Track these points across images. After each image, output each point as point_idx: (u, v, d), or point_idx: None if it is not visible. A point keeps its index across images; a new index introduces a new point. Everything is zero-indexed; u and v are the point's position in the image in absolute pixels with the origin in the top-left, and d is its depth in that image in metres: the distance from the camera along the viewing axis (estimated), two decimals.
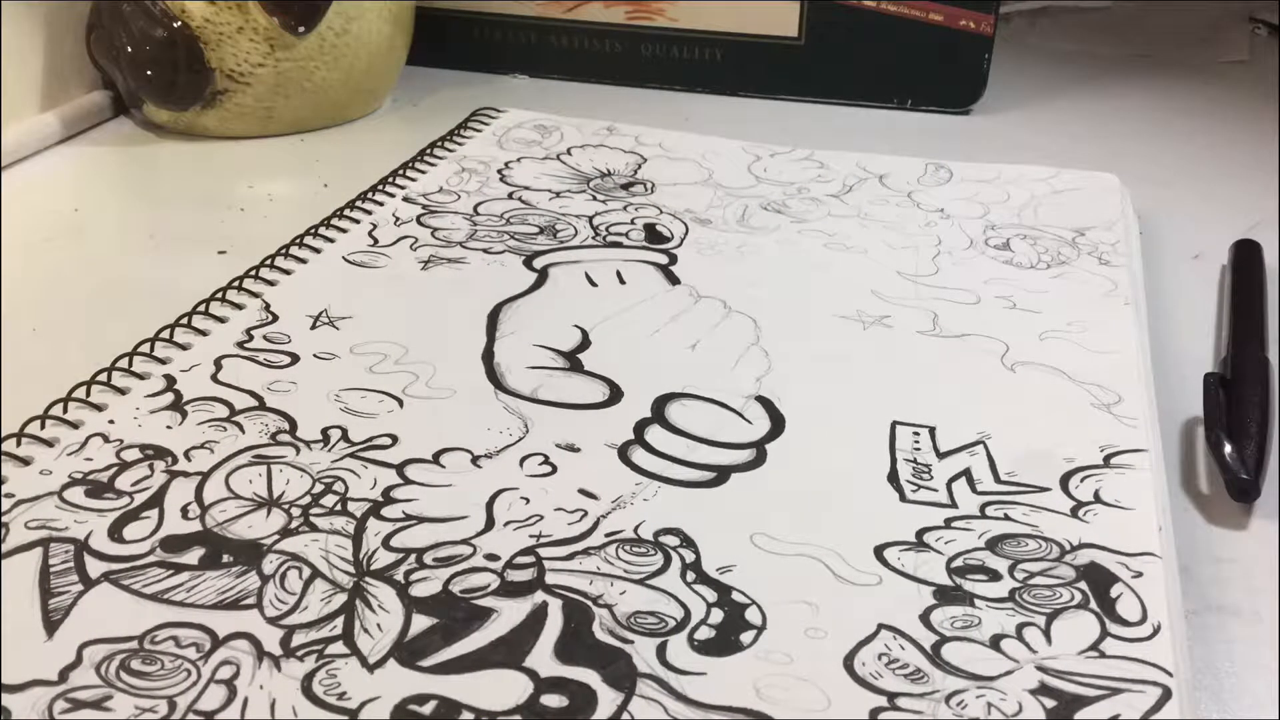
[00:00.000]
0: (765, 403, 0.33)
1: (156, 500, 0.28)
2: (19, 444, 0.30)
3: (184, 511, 0.28)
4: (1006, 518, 0.28)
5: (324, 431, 0.31)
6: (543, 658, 0.24)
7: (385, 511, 0.28)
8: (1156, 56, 0.71)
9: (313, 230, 0.42)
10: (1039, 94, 0.63)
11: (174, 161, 0.52)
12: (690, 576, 0.26)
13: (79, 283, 0.41)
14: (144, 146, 0.54)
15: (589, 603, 0.25)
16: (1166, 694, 0.23)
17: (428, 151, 0.50)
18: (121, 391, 0.32)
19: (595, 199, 0.46)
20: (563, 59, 0.63)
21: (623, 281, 0.39)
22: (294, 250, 0.40)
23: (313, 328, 0.36)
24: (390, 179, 0.47)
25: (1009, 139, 0.56)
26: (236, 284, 0.38)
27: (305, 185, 0.50)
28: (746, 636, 0.24)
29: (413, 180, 0.47)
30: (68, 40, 0.54)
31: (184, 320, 0.35)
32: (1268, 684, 0.26)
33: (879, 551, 0.27)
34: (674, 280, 0.40)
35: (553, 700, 0.23)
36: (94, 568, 0.26)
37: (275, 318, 0.36)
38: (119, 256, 0.44)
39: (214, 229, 0.45)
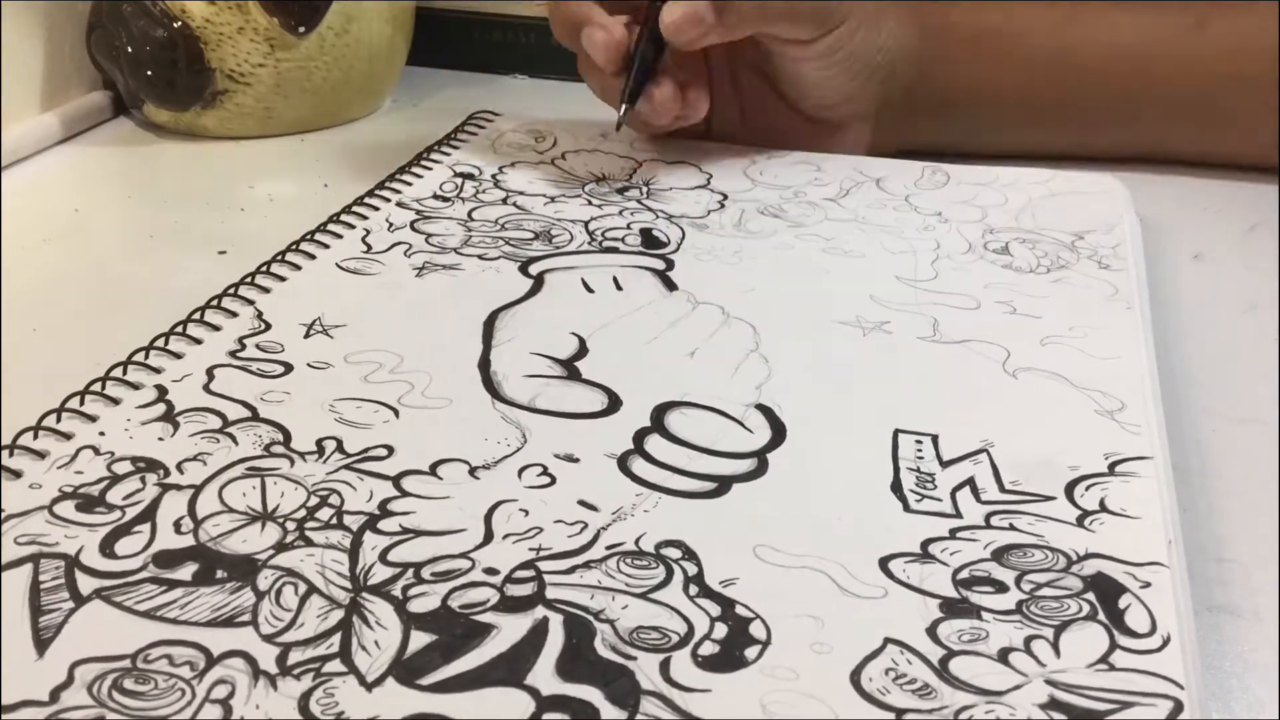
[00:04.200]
0: (766, 411, 0.32)
1: (148, 514, 0.28)
2: (11, 454, 0.29)
3: (177, 526, 0.27)
4: (1012, 528, 0.28)
5: (319, 443, 0.30)
6: (544, 675, 0.23)
7: (382, 525, 0.27)
8: None
9: (307, 236, 0.41)
10: None
11: (174, 161, 0.52)
12: (693, 590, 0.26)
13: (79, 283, 0.41)
14: (144, 146, 0.54)
15: (590, 618, 0.25)
16: (1178, 707, 0.23)
17: (422, 156, 0.49)
18: (114, 401, 0.32)
19: (591, 204, 0.45)
20: (563, 59, 0.62)
21: (620, 287, 0.39)
22: (287, 257, 0.40)
23: (306, 336, 0.35)
24: (384, 184, 0.46)
25: None
26: (232, 290, 0.37)
27: (305, 185, 0.50)
28: (751, 652, 0.24)
29: (407, 185, 0.46)
30: (68, 40, 0.54)
31: (177, 329, 0.35)
32: (1268, 684, 0.25)
33: (884, 563, 0.27)
34: (671, 286, 0.39)
35: (555, 719, 0.22)
36: (85, 584, 0.25)
37: (268, 326, 0.36)
38: (119, 256, 0.43)
39: (214, 229, 0.45)
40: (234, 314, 0.36)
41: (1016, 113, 0.51)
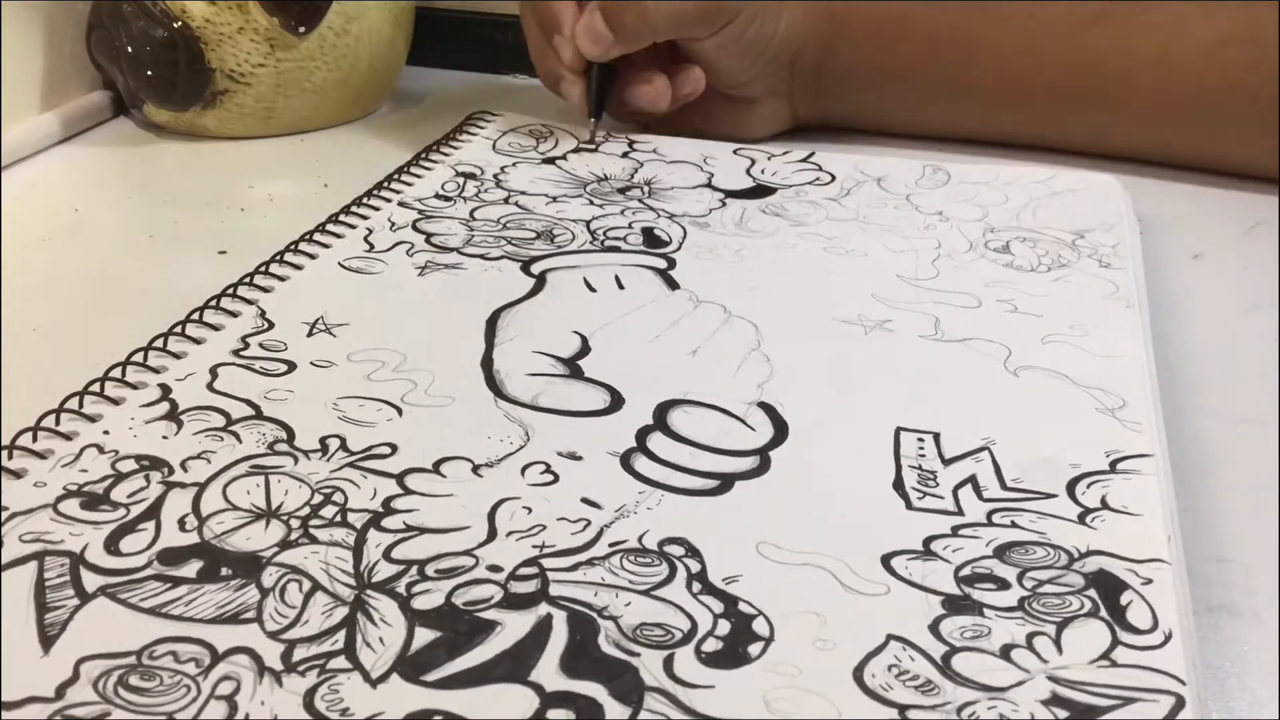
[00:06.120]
0: (768, 409, 0.32)
1: (153, 512, 0.28)
2: (10, 456, 0.29)
3: (181, 523, 0.27)
4: (1014, 525, 0.28)
5: (322, 441, 0.30)
6: (548, 671, 0.23)
7: (386, 522, 0.27)
8: None
9: (307, 236, 0.41)
10: None
11: (174, 161, 0.52)
12: (696, 587, 0.26)
13: (79, 283, 0.41)
14: (144, 146, 0.54)
15: (594, 614, 0.25)
16: (1180, 703, 0.23)
17: (422, 156, 0.49)
18: (115, 402, 0.32)
19: (592, 203, 0.45)
20: None
21: (621, 286, 0.39)
22: (289, 257, 0.40)
23: (309, 335, 0.35)
24: (385, 184, 0.46)
25: None
26: (231, 291, 0.37)
27: (305, 185, 0.50)
28: (754, 648, 0.24)
29: (408, 185, 0.46)
30: (68, 40, 0.54)
31: (177, 329, 0.35)
32: (1268, 684, 0.26)
33: (886, 560, 0.27)
34: (673, 285, 0.39)
35: (559, 715, 0.22)
36: (90, 581, 0.25)
37: (271, 325, 0.36)
38: (119, 256, 0.43)
39: (214, 229, 0.45)
40: (236, 314, 0.36)
41: (919, 91, 0.53)
